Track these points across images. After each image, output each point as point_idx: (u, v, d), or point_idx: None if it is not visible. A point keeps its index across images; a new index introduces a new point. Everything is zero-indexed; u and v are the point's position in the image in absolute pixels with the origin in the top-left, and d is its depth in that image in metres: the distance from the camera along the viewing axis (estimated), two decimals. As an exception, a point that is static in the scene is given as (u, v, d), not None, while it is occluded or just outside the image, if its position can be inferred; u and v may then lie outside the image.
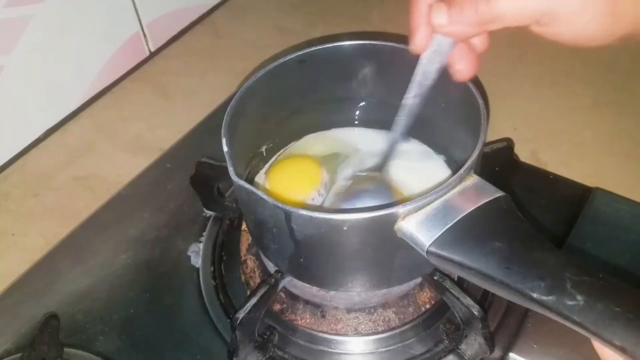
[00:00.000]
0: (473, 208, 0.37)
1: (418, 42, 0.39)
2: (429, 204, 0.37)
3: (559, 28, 0.33)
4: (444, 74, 0.42)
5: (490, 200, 0.37)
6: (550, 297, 0.32)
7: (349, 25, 0.83)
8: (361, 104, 0.55)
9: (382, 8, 0.87)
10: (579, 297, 0.31)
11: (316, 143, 0.56)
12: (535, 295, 0.32)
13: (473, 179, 0.39)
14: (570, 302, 0.31)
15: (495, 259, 0.34)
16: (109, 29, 0.74)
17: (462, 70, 0.39)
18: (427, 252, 0.36)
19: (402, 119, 0.44)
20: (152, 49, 0.81)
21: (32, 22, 0.64)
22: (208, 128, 0.70)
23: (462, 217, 0.37)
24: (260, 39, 0.84)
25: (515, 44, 0.76)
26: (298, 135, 0.57)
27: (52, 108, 0.72)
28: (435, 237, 0.36)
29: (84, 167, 0.68)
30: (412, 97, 0.42)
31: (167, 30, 0.83)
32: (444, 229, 0.36)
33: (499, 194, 0.38)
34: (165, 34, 0.83)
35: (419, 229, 0.37)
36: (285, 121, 0.54)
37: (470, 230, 0.36)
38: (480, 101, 0.42)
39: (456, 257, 0.35)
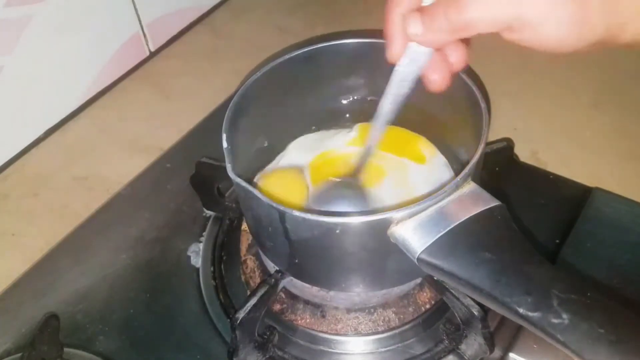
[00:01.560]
0: (467, 217, 0.37)
1: (394, 51, 0.39)
2: (423, 210, 0.37)
3: (528, 34, 0.33)
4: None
5: (485, 210, 0.37)
6: (535, 314, 0.32)
7: (349, 25, 0.83)
8: (366, 101, 0.55)
9: (382, 8, 0.87)
10: (564, 316, 0.31)
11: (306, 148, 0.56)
12: (521, 310, 0.32)
13: (470, 187, 0.39)
14: (555, 320, 0.31)
15: (484, 270, 0.34)
16: (109, 29, 0.74)
17: (436, 81, 0.39)
18: (418, 259, 0.36)
19: (377, 127, 0.44)
20: (152, 49, 0.81)
21: (32, 22, 0.64)
22: (208, 128, 0.70)
23: (456, 226, 0.36)
24: (260, 39, 0.84)
25: (515, 44, 0.76)
26: (298, 134, 0.56)
27: (52, 108, 0.72)
28: (427, 244, 0.36)
29: (84, 167, 0.68)
30: (387, 105, 0.42)
31: (167, 30, 0.83)
32: (437, 237, 0.36)
33: (495, 203, 0.38)
34: (165, 34, 0.83)
35: (412, 235, 0.36)
36: (287, 119, 0.54)
37: (462, 239, 0.36)
38: (484, 106, 0.42)
39: (446, 266, 0.35)
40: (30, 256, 0.59)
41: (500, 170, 0.59)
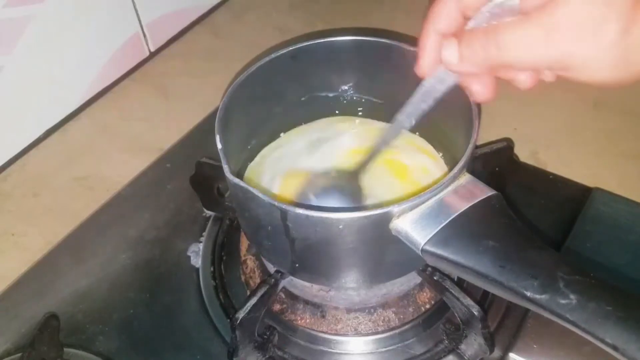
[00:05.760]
0: (467, 207, 0.37)
1: (423, 67, 0.38)
2: (423, 202, 0.38)
3: (572, 73, 0.32)
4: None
5: (483, 199, 0.38)
6: (543, 296, 0.32)
7: (349, 25, 0.83)
8: (355, 98, 0.55)
9: (382, 8, 0.87)
10: (571, 296, 0.32)
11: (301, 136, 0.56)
12: (528, 293, 0.33)
13: (466, 178, 0.40)
14: (563, 301, 0.32)
15: (489, 258, 0.35)
16: (109, 29, 0.74)
17: (479, 91, 0.38)
18: (422, 250, 0.37)
19: (391, 132, 0.43)
20: (152, 49, 0.81)
21: (32, 22, 0.64)
22: (208, 128, 0.69)
23: (456, 216, 0.37)
24: (260, 39, 0.84)
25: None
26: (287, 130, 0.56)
27: (52, 108, 0.72)
28: (430, 235, 0.37)
29: (84, 167, 0.68)
30: (405, 115, 0.41)
31: (167, 30, 0.83)
32: (439, 228, 0.37)
33: (491, 192, 0.39)
34: (165, 34, 0.83)
35: (414, 227, 0.37)
36: (277, 116, 0.54)
37: (464, 229, 0.37)
38: (473, 100, 0.43)
39: (451, 256, 0.36)
40: (30, 256, 0.59)
41: (500, 170, 0.59)
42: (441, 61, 0.36)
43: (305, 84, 0.53)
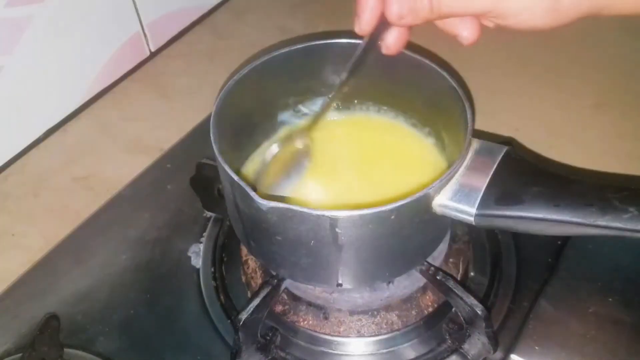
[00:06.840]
0: (495, 166, 0.39)
1: (364, 26, 0.42)
2: (454, 175, 0.39)
3: (504, 21, 0.36)
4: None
5: (503, 155, 0.40)
6: (606, 217, 0.35)
7: (350, 26, 0.83)
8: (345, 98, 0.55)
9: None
10: (631, 209, 0.34)
11: None
12: (591, 220, 0.35)
13: (476, 143, 0.41)
14: (625, 215, 0.34)
15: (541, 202, 0.37)
16: (109, 29, 0.74)
17: (392, 45, 0.42)
18: (476, 216, 0.38)
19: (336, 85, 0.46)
20: (153, 49, 0.81)
21: (32, 22, 0.64)
22: (208, 128, 0.70)
23: (491, 177, 0.39)
24: (261, 39, 0.84)
25: (517, 44, 0.76)
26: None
27: (52, 108, 0.72)
28: (478, 200, 0.38)
29: (84, 167, 0.68)
30: (346, 73, 0.44)
31: (167, 30, 0.83)
32: (482, 192, 0.38)
33: (505, 147, 0.41)
34: (166, 34, 0.83)
35: (459, 199, 0.38)
36: (271, 118, 0.54)
37: (505, 185, 0.38)
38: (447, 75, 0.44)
39: (506, 212, 0.37)
40: (30, 256, 0.58)
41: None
42: (384, 17, 0.39)
43: (303, 85, 0.53)
